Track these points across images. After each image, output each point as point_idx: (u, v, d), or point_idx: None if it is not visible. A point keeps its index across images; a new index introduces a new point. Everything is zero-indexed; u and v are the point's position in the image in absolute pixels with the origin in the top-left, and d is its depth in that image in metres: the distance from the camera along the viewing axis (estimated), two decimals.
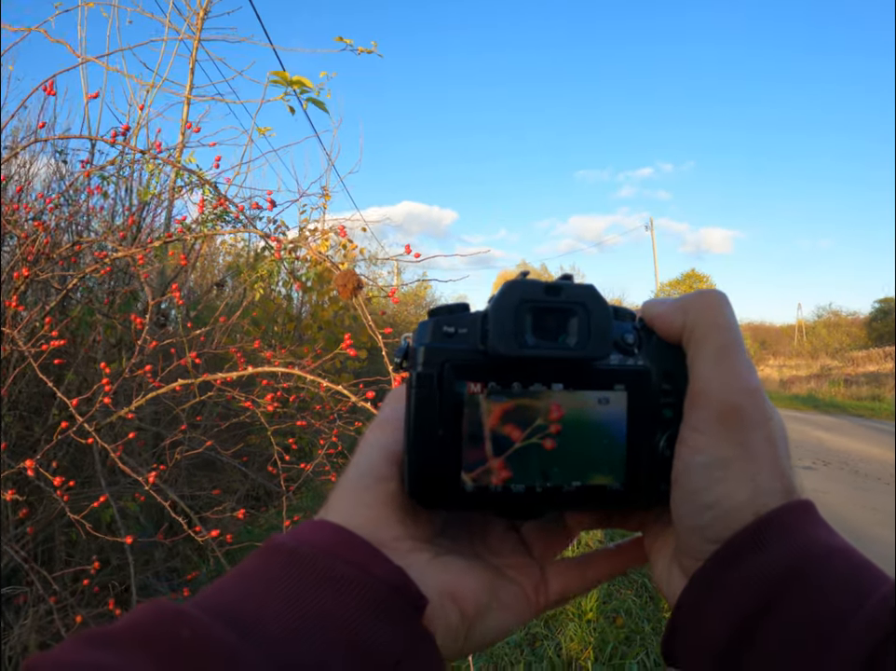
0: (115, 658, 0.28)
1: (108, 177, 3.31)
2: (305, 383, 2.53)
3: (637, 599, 3.82)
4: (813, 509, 0.38)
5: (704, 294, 0.41)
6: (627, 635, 3.44)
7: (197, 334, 2.28)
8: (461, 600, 0.39)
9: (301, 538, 0.36)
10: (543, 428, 0.40)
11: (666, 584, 0.41)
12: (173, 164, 1.93)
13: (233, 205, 1.76)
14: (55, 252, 2.06)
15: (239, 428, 3.83)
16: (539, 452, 0.40)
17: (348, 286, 1.42)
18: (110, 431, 2.42)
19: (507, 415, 0.39)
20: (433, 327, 0.40)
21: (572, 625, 3.48)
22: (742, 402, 0.37)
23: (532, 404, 0.40)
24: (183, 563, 3.64)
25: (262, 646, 0.30)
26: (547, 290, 0.39)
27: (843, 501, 6.31)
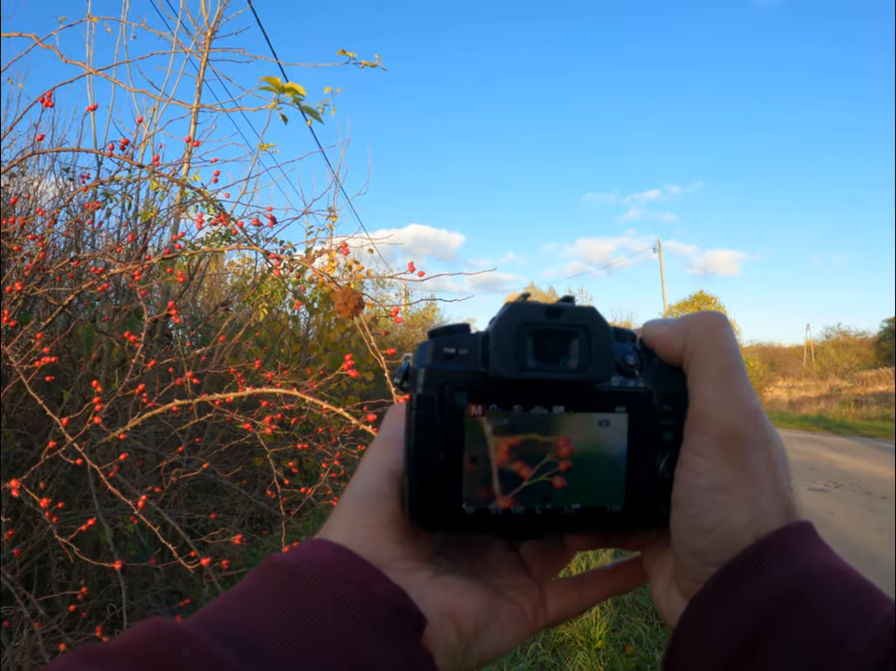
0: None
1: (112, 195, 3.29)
2: (307, 405, 2.47)
3: (647, 627, 3.72)
4: (812, 530, 0.38)
5: (704, 315, 0.41)
6: (637, 663, 3.33)
7: (198, 353, 2.23)
8: (460, 619, 0.38)
9: (301, 557, 0.36)
10: (553, 465, 0.39)
11: (665, 605, 0.41)
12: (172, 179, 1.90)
13: (232, 221, 1.72)
14: (52, 267, 2.02)
15: (242, 450, 3.78)
16: (548, 488, 0.40)
17: (349, 304, 1.36)
18: (106, 452, 2.36)
19: (514, 450, 0.39)
20: (433, 348, 0.40)
21: (581, 654, 3.37)
22: (743, 424, 0.37)
23: (539, 439, 0.39)
24: (186, 585, 3.57)
25: (261, 665, 0.29)
26: (548, 312, 0.39)
27: (856, 524, 6.18)
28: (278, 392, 1.75)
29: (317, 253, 3.64)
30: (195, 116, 3.56)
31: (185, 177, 3.07)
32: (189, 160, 3.24)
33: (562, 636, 3.61)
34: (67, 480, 2.98)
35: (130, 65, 3.66)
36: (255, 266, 5.43)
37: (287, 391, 1.60)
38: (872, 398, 23.66)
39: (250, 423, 1.99)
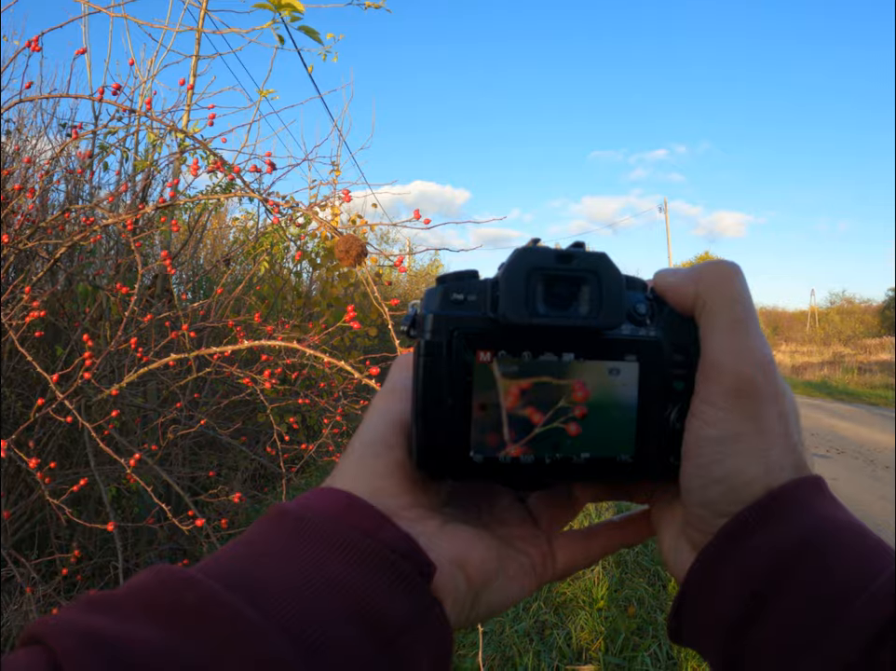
0: (115, 622, 0.27)
1: (108, 147, 3.20)
2: (309, 360, 2.42)
3: (650, 588, 3.72)
4: (824, 485, 0.37)
5: (717, 264, 0.40)
6: (639, 625, 3.34)
7: (196, 307, 2.17)
8: (469, 568, 0.38)
9: (308, 505, 0.35)
10: (567, 410, 0.39)
11: (673, 558, 0.41)
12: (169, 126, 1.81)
13: (227, 165, 1.64)
14: (44, 220, 1.94)
15: (244, 405, 3.74)
16: (561, 434, 0.39)
17: (351, 252, 1.30)
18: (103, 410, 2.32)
19: (525, 394, 0.38)
20: (442, 294, 0.39)
21: (583, 614, 3.38)
22: (755, 375, 0.37)
23: (552, 382, 0.39)
24: (190, 542, 3.56)
25: (267, 611, 0.29)
26: (558, 258, 0.38)
27: (860, 491, 6.19)
28: (278, 345, 1.69)
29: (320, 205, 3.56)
30: (193, 68, 3.45)
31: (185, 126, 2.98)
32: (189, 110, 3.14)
33: (563, 596, 3.62)
34: (67, 439, 2.95)
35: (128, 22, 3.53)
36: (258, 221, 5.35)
37: (287, 345, 1.54)
38: (875, 366, 23.62)
39: (249, 378, 1.94)
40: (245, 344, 1.52)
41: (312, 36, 1.98)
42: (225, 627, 0.28)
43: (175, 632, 0.27)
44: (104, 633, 0.26)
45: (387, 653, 0.31)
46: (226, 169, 1.67)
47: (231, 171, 1.66)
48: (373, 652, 0.31)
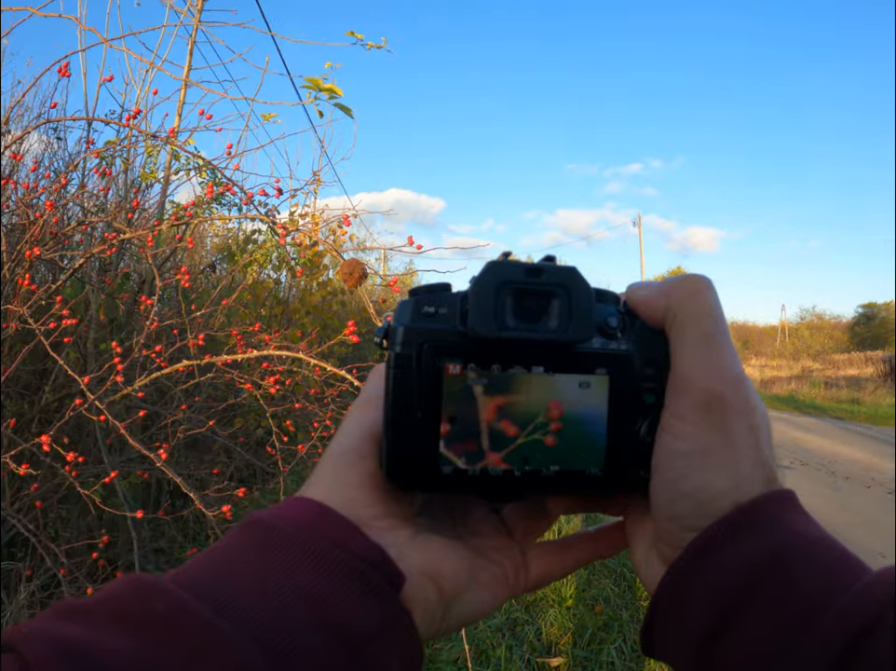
0: (86, 631, 0.28)
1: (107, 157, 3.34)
2: (300, 367, 2.58)
3: (615, 587, 3.92)
4: (794, 499, 0.38)
5: (689, 278, 0.40)
6: (605, 621, 3.53)
7: (197, 315, 2.33)
8: (440, 579, 0.38)
9: (280, 514, 0.36)
10: (544, 425, 0.39)
11: (645, 571, 0.41)
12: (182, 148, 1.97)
13: (242, 192, 1.81)
14: (61, 231, 2.09)
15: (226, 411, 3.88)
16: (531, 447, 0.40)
17: (354, 275, 1.47)
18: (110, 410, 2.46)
19: (497, 410, 0.39)
20: (413, 307, 0.39)
21: (552, 611, 3.57)
22: (725, 390, 0.37)
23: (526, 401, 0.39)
24: (169, 544, 3.68)
25: (237, 620, 0.30)
26: (528, 271, 0.38)
27: (821, 502, 6.45)
28: (285, 355, 1.86)
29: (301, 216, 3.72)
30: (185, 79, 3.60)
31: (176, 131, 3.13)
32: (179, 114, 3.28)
33: (534, 595, 3.80)
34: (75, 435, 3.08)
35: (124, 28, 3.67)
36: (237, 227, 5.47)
37: (294, 355, 1.71)
38: (843, 380, 24.10)
39: (250, 383, 2.10)
40: (255, 353, 1.69)
41: (346, 112, 2.16)
42: (195, 637, 0.28)
43: (145, 641, 0.28)
44: (76, 642, 0.27)
45: (356, 662, 0.32)
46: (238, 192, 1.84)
47: (245, 196, 1.83)
48: (342, 661, 0.31)
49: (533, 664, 3.12)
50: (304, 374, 2.72)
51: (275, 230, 1.76)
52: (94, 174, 3.34)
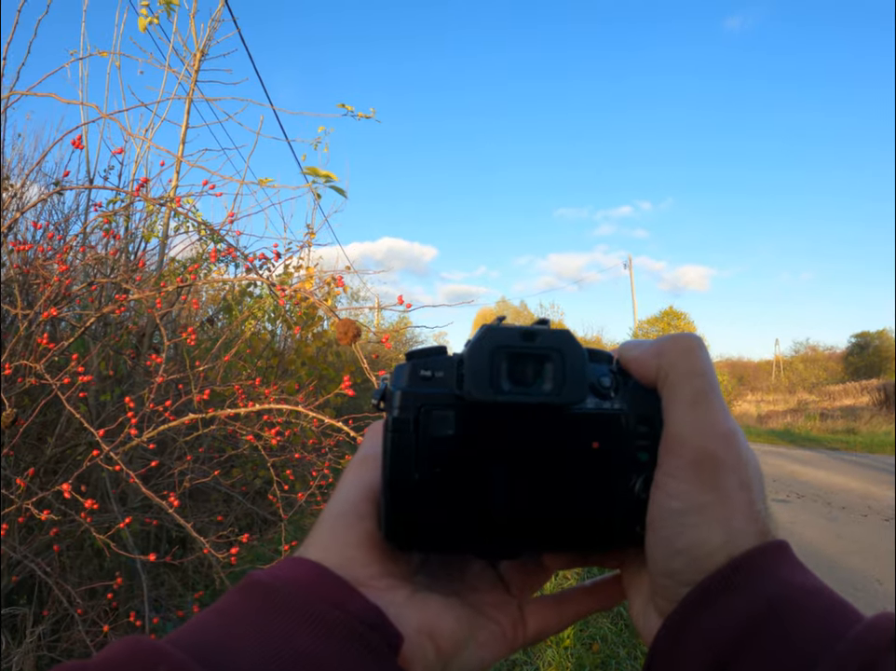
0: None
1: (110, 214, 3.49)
2: (297, 418, 2.69)
3: (613, 627, 3.96)
4: (787, 550, 0.38)
5: (678, 338, 0.41)
6: (603, 660, 3.56)
7: (200, 369, 2.44)
8: (438, 638, 0.39)
9: (279, 575, 0.36)
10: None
11: (642, 623, 0.41)
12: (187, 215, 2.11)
13: (244, 258, 1.94)
14: (71, 291, 2.22)
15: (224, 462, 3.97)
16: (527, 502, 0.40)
17: (349, 334, 1.59)
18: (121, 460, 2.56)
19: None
20: (410, 371, 0.40)
21: (550, 651, 3.60)
22: (716, 447, 0.37)
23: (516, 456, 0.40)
24: (169, 592, 3.72)
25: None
26: (522, 335, 0.39)
27: (816, 532, 6.51)
28: (285, 408, 1.97)
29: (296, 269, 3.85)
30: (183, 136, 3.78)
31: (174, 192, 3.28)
32: (177, 173, 3.44)
33: None
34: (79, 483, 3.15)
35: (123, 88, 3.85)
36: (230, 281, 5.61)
37: (293, 408, 1.82)
38: (838, 411, 24.13)
39: (252, 435, 2.20)
40: (256, 407, 1.80)
41: (340, 193, 2.33)
42: None
43: None
44: None
45: None
46: (239, 256, 1.98)
47: (246, 259, 1.97)
48: None
49: None
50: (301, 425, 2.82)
51: (275, 293, 1.88)
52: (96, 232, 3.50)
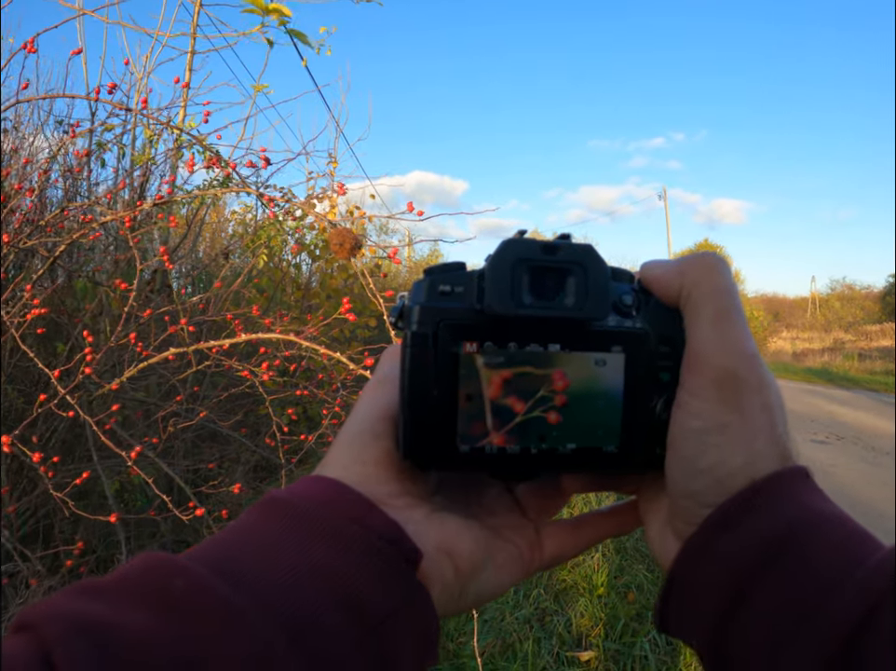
0: (104, 608, 0.27)
1: (105, 144, 3.20)
2: (307, 352, 2.44)
3: (649, 574, 3.75)
4: (808, 475, 0.38)
5: (702, 257, 0.40)
6: (638, 611, 3.36)
7: (194, 301, 2.19)
8: (457, 556, 0.39)
9: (297, 492, 0.36)
10: (547, 399, 0.39)
11: (659, 548, 0.41)
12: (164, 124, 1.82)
13: (223, 160, 1.65)
14: (43, 219, 1.96)
15: (245, 398, 3.76)
16: (541, 423, 0.39)
17: (345, 245, 1.31)
18: (104, 404, 2.34)
19: (508, 384, 0.39)
20: (428, 286, 0.39)
21: (582, 601, 3.42)
22: (739, 366, 0.37)
23: (533, 372, 0.39)
24: (193, 535, 3.59)
25: (255, 597, 0.30)
26: (544, 249, 0.38)
27: (859, 478, 6.20)
28: (276, 338, 1.71)
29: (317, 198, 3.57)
30: (189, 64, 3.46)
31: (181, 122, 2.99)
32: (185, 106, 3.15)
33: (564, 583, 3.65)
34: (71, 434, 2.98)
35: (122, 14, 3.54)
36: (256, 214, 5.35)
37: (284, 337, 1.56)
38: (876, 352, 23.64)
39: (248, 370, 1.96)
40: (242, 337, 1.54)
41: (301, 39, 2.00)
42: (214, 613, 0.28)
43: (163, 617, 0.27)
44: (93, 618, 0.26)
45: (373, 639, 0.32)
46: (222, 164, 1.69)
47: (227, 166, 1.68)
48: (360, 638, 0.32)
49: (562, 658, 2.97)
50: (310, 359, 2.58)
51: (261, 201, 1.61)
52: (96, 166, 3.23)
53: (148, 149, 2.85)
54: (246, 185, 1.64)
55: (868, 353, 23.74)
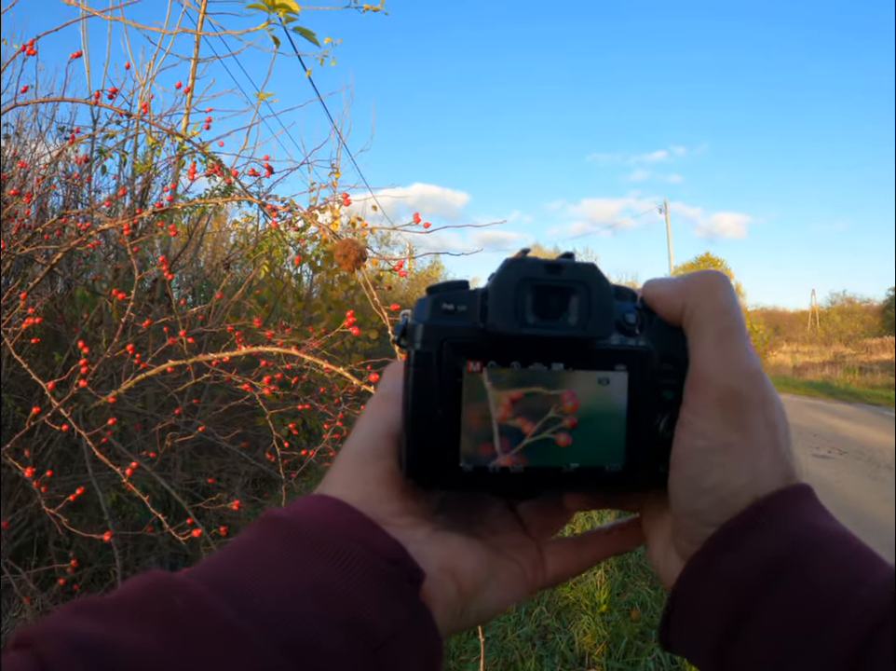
0: (103, 626, 0.27)
1: (106, 151, 3.18)
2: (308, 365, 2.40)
3: (652, 591, 3.70)
4: (811, 493, 0.38)
5: (704, 275, 0.40)
6: (642, 629, 3.31)
7: (194, 312, 2.15)
8: (459, 576, 0.38)
9: (298, 511, 0.35)
10: (556, 420, 0.39)
11: (662, 566, 0.41)
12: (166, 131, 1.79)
13: (224, 169, 1.62)
14: (40, 226, 1.93)
15: (243, 410, 3.72)
16: (550, 445, 0.39)
17: (349, 257, 1.28)
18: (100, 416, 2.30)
19: (516, 405, 0.38)
20: (432, 304, 0.39)
21: (585, 618, 3.36)
22: (742, 385, 0.37)
23: (543, 392, 0.39)
24: (191, 547, 3.54)
25: (257, 618, 0.29)
26: (548, 268, 0.38)
27: (862, 492, 6.15)
28: (276, 351, 1.68)
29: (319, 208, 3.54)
30: (192, 71, 3.44)
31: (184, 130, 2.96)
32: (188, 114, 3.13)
33: (566, 600, 3.60)
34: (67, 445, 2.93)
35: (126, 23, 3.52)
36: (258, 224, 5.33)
37: (286, 350, 1.53)
38: (877, 366, 23.60)
39: (248, 384, 1.92)
40: (242, 350, 1.51)
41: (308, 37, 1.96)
42: (215, 634, 0.27)
43: (163, 637, 0.27)
44: (92, 637, 0.26)
45: (377, 660, 0.31)
46: (224, 172, 1.66)
47: (229, 174, 1.65)
48: (363, 660, 0.31)
49: None
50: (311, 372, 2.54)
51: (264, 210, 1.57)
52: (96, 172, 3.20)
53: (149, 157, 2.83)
54: (248, 195, 1.61)
55: (869, 367, 23.71)
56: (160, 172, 2.95)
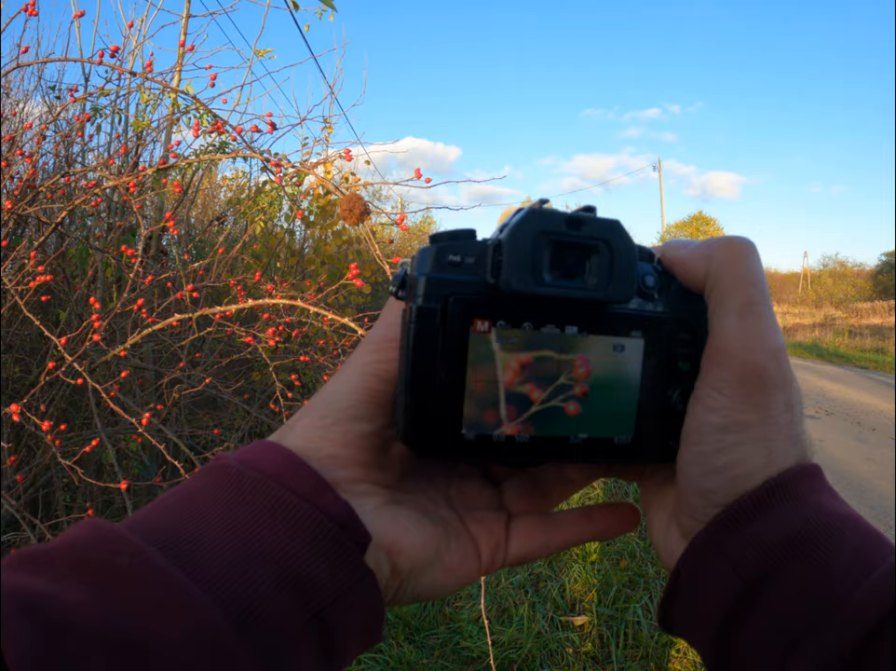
0: (47, 583, 0.27)
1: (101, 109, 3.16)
2: (308, 317, 2.44)
3: (641, 542, 3.82)
4: (821, 475, 0.37)
5: (731, 241, 0.37)
6: (630, 577, 3.44)
7: (195, 267, 2.18)
8: (396, 555, 0.37)
9: (249, 460, 0.34)
10: (567, 388, 0.37)
11: (662, 542, 0.40)
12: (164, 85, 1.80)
13: (229, 127, 1.64)
14: (42, 185, 1.94)
15: (241, 364, 3.76)
16: (559, 413, 0.37)
17: (354, 211, 1.31)
18: (106, 371, 2.34)
19: (525, 369, 0.36)
20: (436, 255, 0.35)
21: (576, 567, 3.48)
22: (766, 363, 0.35)
23: (554, 357, 0.36)
24: None
25: (200, 576, 0.29)
26: (568, 223, 0.35)
27: (846, 453, 6.28)
28: (282, 304, 1.71)
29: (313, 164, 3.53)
30: (185, 27, 3.40)
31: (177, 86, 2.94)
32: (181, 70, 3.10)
33: None
34: (67, 402, 2.97)
35: None
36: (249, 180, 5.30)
37: (291, 302, 1.56)
38: (866, 330, 23.75)
39: (251, 336, 1.96)
40: (249, 303, 1.55)
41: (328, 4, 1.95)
42: (157, 592, 0.27)
43: (108, 595, 0.27)
44: (37, 594, 0.26)
45: (319, 622, 0.32)
46: (228, 129, 1.68)
47: (233, 131, 1.67)
48: (305, 621, 0.31)
49: (556, 622, 3.03)
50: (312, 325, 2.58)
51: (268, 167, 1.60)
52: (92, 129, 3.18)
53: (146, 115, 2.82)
54: (253, 151, 1.63)
55: (858, 330, 23.86)
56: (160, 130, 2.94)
